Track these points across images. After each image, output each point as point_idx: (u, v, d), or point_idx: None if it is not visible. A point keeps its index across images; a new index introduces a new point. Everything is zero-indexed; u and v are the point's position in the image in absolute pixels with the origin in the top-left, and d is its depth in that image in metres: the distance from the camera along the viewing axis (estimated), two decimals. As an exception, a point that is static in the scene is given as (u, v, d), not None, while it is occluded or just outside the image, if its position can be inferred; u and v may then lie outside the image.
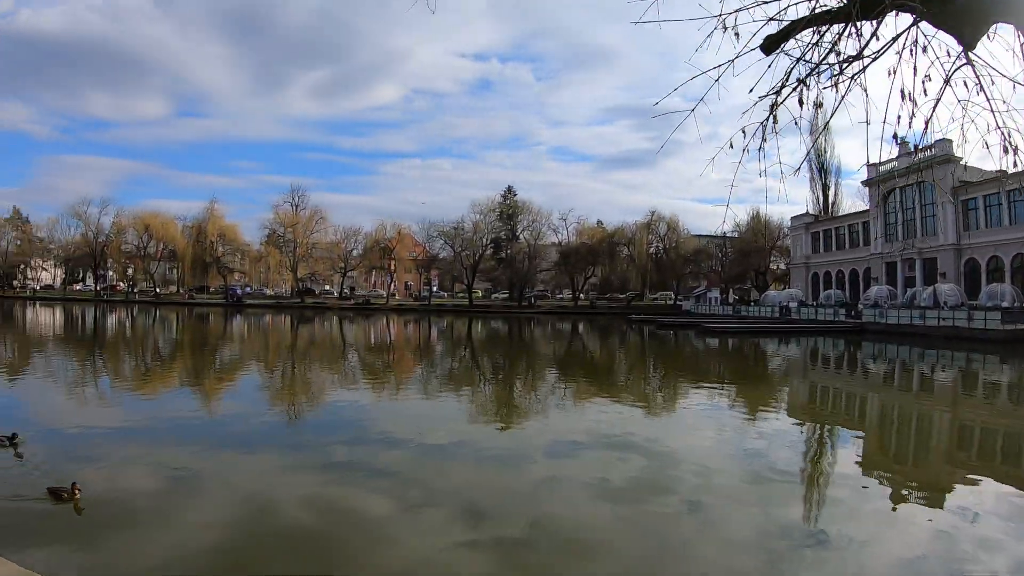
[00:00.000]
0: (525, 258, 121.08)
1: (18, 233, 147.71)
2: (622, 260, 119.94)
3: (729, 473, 13.46)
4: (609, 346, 56.70)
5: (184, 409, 21.21)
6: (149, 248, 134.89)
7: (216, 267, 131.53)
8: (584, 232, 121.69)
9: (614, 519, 10.65)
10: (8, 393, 24.54)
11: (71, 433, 16.65)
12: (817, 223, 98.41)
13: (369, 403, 23.47)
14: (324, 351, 46.69)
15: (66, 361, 36.48)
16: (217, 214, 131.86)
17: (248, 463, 14.14)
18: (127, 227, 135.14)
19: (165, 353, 43.80)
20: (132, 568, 8.64)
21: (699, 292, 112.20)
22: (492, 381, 31.28)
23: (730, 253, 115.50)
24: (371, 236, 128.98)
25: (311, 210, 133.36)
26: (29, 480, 11.47)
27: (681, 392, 28.11)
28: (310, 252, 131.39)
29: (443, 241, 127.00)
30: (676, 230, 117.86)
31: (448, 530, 10.21)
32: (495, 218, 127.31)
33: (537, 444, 16.22)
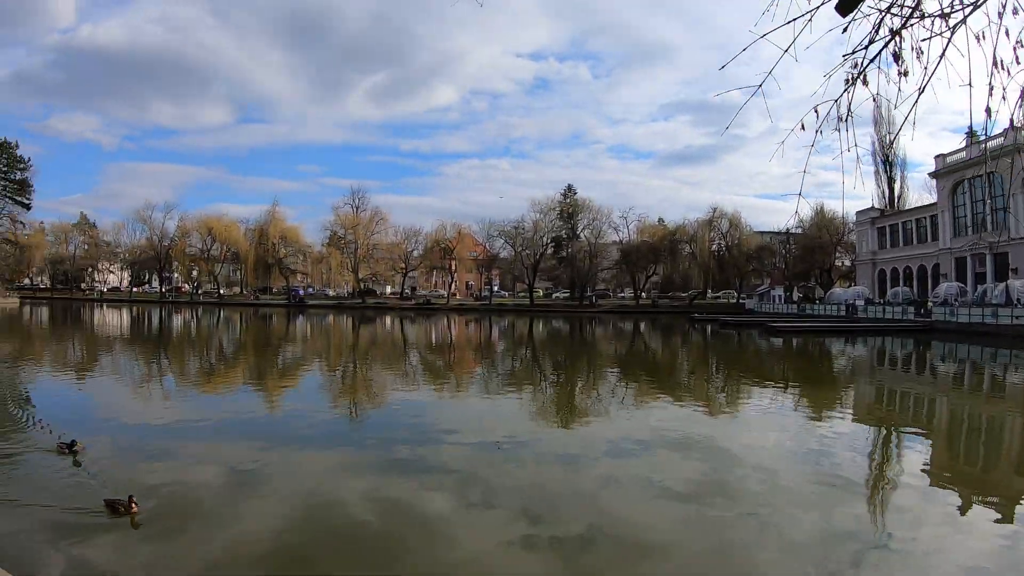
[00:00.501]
0: (586, 257, 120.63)
1: (85, 238, 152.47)
2: (684, 258, 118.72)
3: (791, 475, 13.27)
4: (671, 346, 56.25)
5: (247, 408, 21.72)
6: (213, 251, 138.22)
7: (278, 268, 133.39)
8: (645, 230, 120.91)
9: (673, 520, 10.59)
10: (76, 392, 25.06)
11: (134, 433, 16.90)
12: (883, 217, 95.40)
13: (430, 402, 23.54)
14: (385, 351, 47.04)
15: (132, 361, 37.41)
16: (279, 216, 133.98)
17: (310, 461, 14.32)
18: (191, 230, 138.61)
19: (229, 353, 44.69)
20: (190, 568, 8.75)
21: (762, 290, 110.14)
22: (553, 381, 31.16)
23: (794, 250, 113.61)
24: (431, 236, 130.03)
25: (371, 211, 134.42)
26: (87, 490, 11.38)
27: (743, 392, 27.78)
28: (371, 253, 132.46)
29: (503, 240, 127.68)
30: (738, 227, 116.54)
31: (507, 529, 10.22)
32: (555, 217, 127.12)
33: (598, 444, 16.18)
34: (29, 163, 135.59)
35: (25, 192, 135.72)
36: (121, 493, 10.62)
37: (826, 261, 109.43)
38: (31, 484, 11.73)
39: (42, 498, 10.90)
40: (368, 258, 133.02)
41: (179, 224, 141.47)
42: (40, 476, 12.19)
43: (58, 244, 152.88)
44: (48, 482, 11.82)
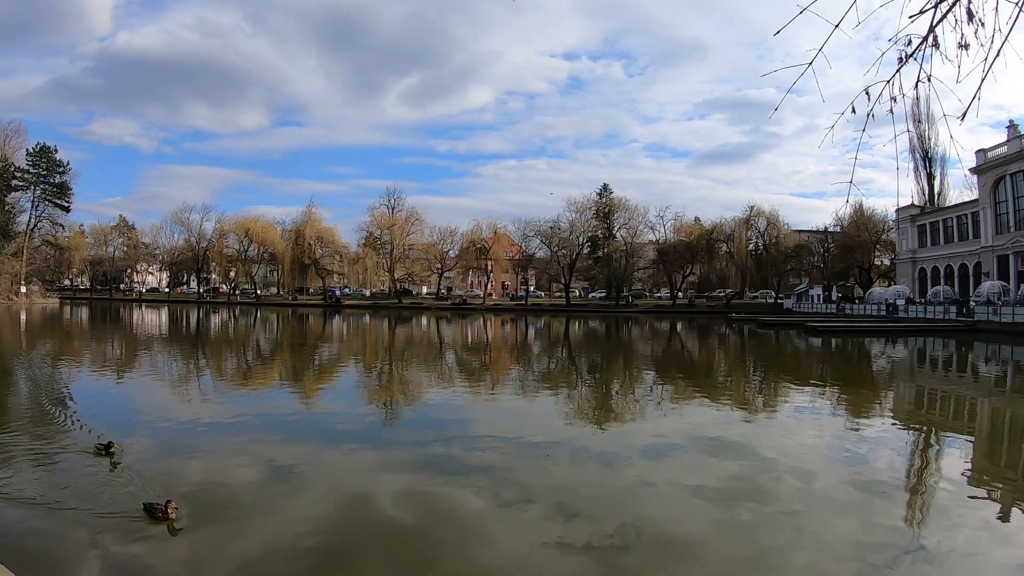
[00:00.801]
0: (622, 256, 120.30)
1: (124, 239, 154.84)
2: (721, 257, 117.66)
3: (828, 478, 13.15)
4: (708, 346, 55.90)
5: (284, 406, 21.91)
6: (249, 252, 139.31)
7: (315, 269, 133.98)
8: (682, 229, 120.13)
9: (708, 522, 10.52)
10: (114, 391, 25.36)
11: (172, 431, 17.10)
12: (923, 215, 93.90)
13: (466, 402, 23.57)
14: (421, 350, 47.15)
15: (170, 360, 38.09)
16: (315, 217, 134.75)
17: (347, 460, 14.49)
18: (228, 232, 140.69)
19: (266, 352, 45.07)
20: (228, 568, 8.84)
21: (800, 290, 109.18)
22: (589, 381, 31.03)
23: (832, 248, 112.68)
24: (467, 236, 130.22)
25: (407, 211, 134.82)
26: (125, 493, 11.43)
27: (781, 393, 27.44)
28: (407, 253, 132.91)
29: (539, 240, 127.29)
30: (776, 225, 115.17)
31: (542, 529, 10.26)
32: (591, 216, 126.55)
33: (633, 445, 16.10)
34: (68, 167, 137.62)
35: (64, 195, 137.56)
36: (159, 496, 10.69)
37: (865, 260, 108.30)
38: (69, 487, 11.72)
39: (80, 502, 10.89)
40: (404, 258, 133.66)
41: (216, 226, 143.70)
42: (78, 479, 12.16)
43: (97, 246, 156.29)
44: (86, 485, 11.85)
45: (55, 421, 17.80)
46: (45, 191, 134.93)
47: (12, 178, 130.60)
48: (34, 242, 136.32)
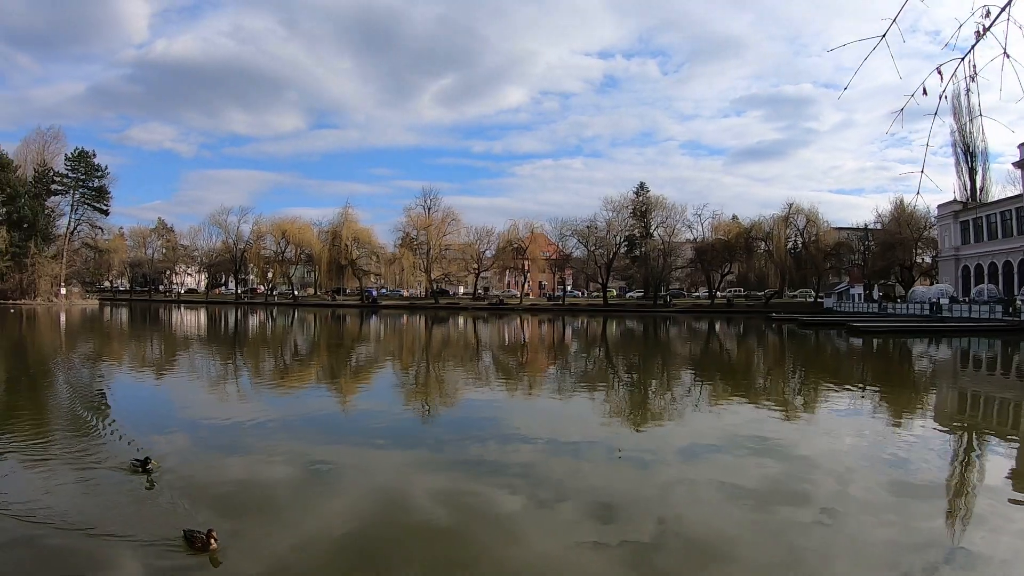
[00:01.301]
0: (659, 255, 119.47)
1: (163, 242, 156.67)
2: (760, 256, 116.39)
3: (866, 481, 12.98)
4: (747, 346, 55.53)
5: (322, 406, 22.27)
6: (287, 253, 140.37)
7: (351, 269, 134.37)
8: (720, 227, 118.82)
9: (744, 524, 10.48)
10: (153, 392, 25.81)
11: (210, 432, 17.34)
12: (966, 211, 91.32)
13: (502, 402, 23.72)
14: (457, 351, 47.28)
15: (208, 360, 38.74)
16: (351, 218, 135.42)
17: (383, 459, 14.69)
18: (265, 233, 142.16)
19: (304, 352, 45.54)
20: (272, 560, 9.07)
21: (841, 288, 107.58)
22: (626, 381, 31.00)
23: (872, 246, 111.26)
24: (504, 236, 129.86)
25: (443, 212, 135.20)
26: (163, 515, 10.88)
27: (820, 395, 27.03)
28: (443, 253, 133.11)
29: (576, 240, 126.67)
30: (815, 223, 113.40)
31: (578, 529, 10.33)
32: (628, 215, 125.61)
33: (670, 445, 16.14)
34: (106, 171, 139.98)
35: (103, 199, 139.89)
36: (201, 524, 10.21)
37: (907, 258, 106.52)
38: (106, 509, 11.17)
39: (117, 526, 10.33)
40: (440, 258, 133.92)
41: (253, 227, 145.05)
42: (115, 498, 11.70)
43: (137, 248, 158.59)
44: (123, 507, 11.31)
45: (93, 428, 17.64)
46: (84, 195, 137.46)
47: (51, 182, 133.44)
48: (74, 245, 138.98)
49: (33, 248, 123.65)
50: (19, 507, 10.88)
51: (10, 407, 21.68)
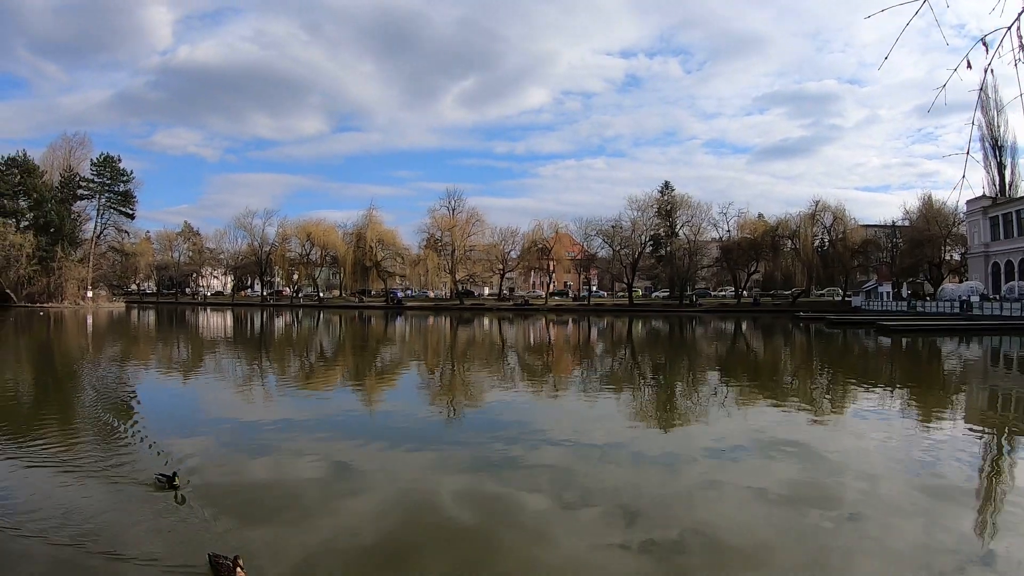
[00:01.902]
0: (685, 254, 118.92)
1: (189, 245, 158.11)
2: (786, 255, 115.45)
3: (894, 483, 12.91)
4: (774, 346, 55.11)
5: (347, 407, 22.49)
6: (312, 255, 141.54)
7: (376, 271, 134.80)
8: (746, 226, 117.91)
9: (771, 526, 10.45)
10: (180, 393, 25.94)
11: (235, 434, 17.34)
12: (995, 206, 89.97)
13: (527, 402, 23.73)
14: (482, 351, 47.34)
15: (234, 361, 38.96)
16: (375, 220, 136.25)
17: (408, 460, 14.73)
18: (290, 235, 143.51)
19: (329, 353, 45.79)
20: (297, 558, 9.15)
21: (869, 287, 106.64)
22: (652, 382, 30.88)
23: (900, 244, 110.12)
24: (528, 236, 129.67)
25: (467, 212, 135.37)
26: (190, 535, 10.47)
27: (848, 395, 26.79)
28: (468, 254, 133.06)
29: (601, 240, 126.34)
30: (842, 220, 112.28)
31: (603, 530, 10.34)
32: (653, 214, 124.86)
33: (696, 446, 16.01)
34: (131, 175, 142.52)
35: (128, 203, 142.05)
36: (223, 517, 10.41)
37: (935, 255, 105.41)
38: (131, 527, 10.79)
39: (142, 547, 9.92)
40: (465, 259, 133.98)
41: (279, 230, 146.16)
42: (138, 516, 11.26)
43: (163, 251, 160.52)
44: (146, 525, 10.89)
45: (118, 433, 17.48)
46: (110, 199, 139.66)
47: (77, 187, 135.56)
48: (100, 248, 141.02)
49: (60, 252, 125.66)
50: (34, 525, 10.64)
51: (36, 410, 21.99)
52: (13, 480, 13.08)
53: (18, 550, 9.72)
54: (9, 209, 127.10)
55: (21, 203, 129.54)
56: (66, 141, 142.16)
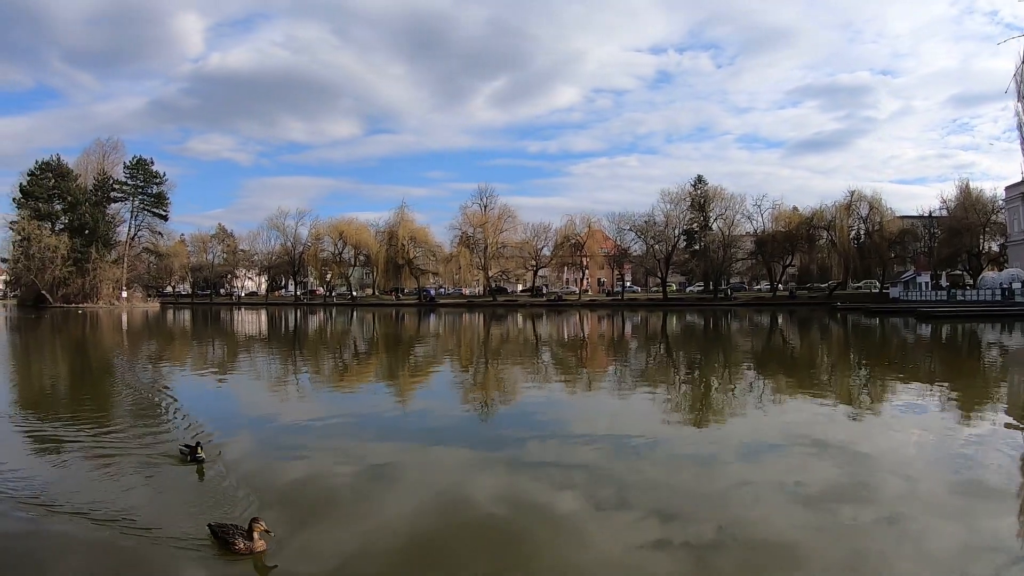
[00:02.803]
0: (719, 247, 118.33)
1: (224, 247, 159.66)
2: (822, 247, 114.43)
3: (933, 481, 12.61)
4: (811, 339, 54.44)
5: (380, 404, 22.51)
6: (344, 254, 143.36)
7: (408, 268, 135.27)
8: (780, 217, 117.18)
9: (806, 526, 10.26)
10: (214, 391, 25.98)
11: (269, 430, 17.51)
12: None
13: (562, 399, 23.53)
14: (516, 348, 47.12)
15: (268, 359, 39.21)
16: (407, 218, 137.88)
17: (442, 457, 14.67)
18: (323, 235, 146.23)
19: (362, 351, 45.99)
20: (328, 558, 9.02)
21: (907, 277, 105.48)
22: (687, 378, 30.41)
23: (938, 233, 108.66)
24: (561, 231, 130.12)
25: (499, 209, 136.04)
26: (206, 509, 10.68)
27: (887, 389, 26.26)
28: (500, 251, 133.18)
29: (634, 235, 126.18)
30: (879, 210, 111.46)
31: (638, 530, 10.19)
32: (686, 207, 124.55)
33: (732, 444, 15.78)
34: (164, 178, 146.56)
35: (161, 205, 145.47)
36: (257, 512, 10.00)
37: (974, 244, 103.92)
38: (152, 499, 11.31)
39: (157, 521, 10.14)
40: (497, 256, 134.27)
41: (311, 230, 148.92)
42: (163, 488, 11.89)
43: (197, 253, 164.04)
44: (170, 499, 11.34)
45: (151, 427, 17.55)
46: (143, 201, 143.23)
47: (111, 190, 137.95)
48: (135, 250, 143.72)
49: (94, 253, 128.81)
50: (70, 505, 10.92)
51: (73, 403, 22.28)
52: (55, 463, 13.87)
53: (58, 529, 10.08)
54: (44, 212, 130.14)
55: (56, 206, 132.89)
56: (100, 146, 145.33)
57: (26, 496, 11.35)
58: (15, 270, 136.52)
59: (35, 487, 11.89)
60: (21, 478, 12.45)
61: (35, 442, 15.87)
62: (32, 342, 54.43)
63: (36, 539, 9.74)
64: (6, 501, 11.19)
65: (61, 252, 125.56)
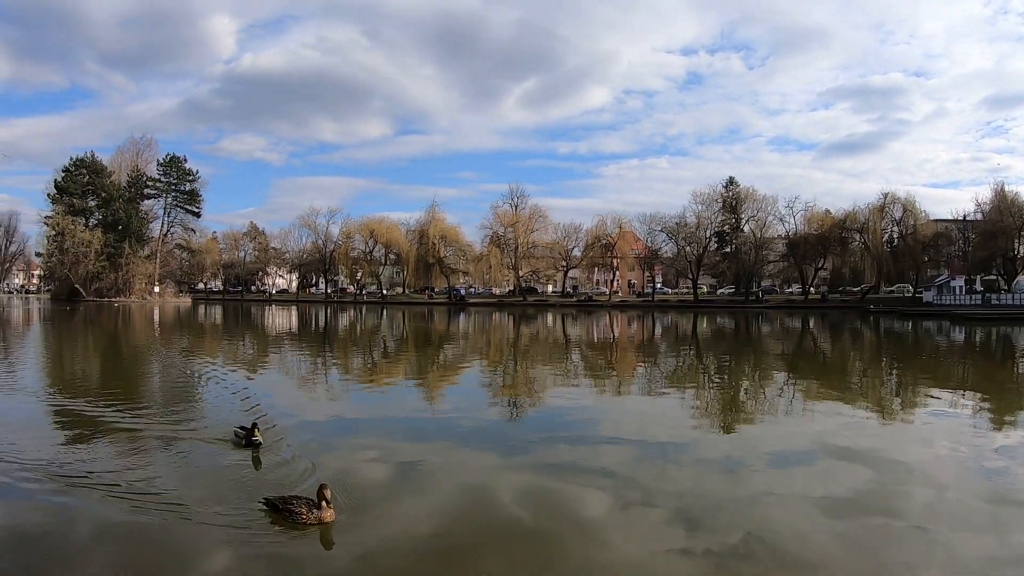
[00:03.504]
0: (751, 249, 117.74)
1: (255, 244, 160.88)
2: (855, 250, 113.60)
3: (962, 492, 12.39)
4: (842, 344, 53.93)
5: (409, 404, 22.55)
6: (375, 252, 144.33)
7: (439, 267, 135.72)
8: (813, 219, 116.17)
9: (833, 535, 10.15)
10: (244, 388, 25.36)
11: (299, 428, 17.37)
12: None
13: (590, 401, 23.52)
14: (545, 349, 47.16)
15: (299, 357, 39.46)
16: (438, 217, 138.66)
17: (470, 458, 14.75)
18: (354, 233, 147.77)
19: (392, 350, 46.06)
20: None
21: (940, 281, 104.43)
22: (717, 381, 30.33)
23: (972, 237, 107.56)
24: (592, 232, 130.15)
25: (530, 209, 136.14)
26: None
27: (918, 396, 25.93)
28: (531, 251, 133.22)
29: (665, 236, 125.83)
30: (913, 212, 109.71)
31: (663, 534, 10.23)
32: (718, 209, 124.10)
33: (760, 450, 15.64)
34: (197, 175, 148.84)
35: (194, 201, 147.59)
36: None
37: (1009, 247, 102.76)
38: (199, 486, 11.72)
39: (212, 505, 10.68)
40: (528, 256, 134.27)
41: (342, 228, 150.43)
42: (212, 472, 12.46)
43: (229, 251, 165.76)
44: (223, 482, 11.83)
45: (180, 426, 17.61)
46: (176, 198, 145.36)
47: (144, 186, 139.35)
48: (167, 246, 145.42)
49: (127, 248, 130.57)
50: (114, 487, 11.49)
51: (114, 388, 22.89)
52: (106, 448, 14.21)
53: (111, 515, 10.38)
54: (78, 208, 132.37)
55: (90, 202, 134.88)
56: (133, 144, 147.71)
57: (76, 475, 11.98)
58: (49, 264, 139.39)
59: (84, 469, 12.45)
60: (80, 460, 13.18)
61: (93, 428, 15.99)
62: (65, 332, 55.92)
63: (85, 523, 10.06)
64: (56, 480, 11.78)
65: (95, 247, 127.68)
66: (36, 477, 12.01)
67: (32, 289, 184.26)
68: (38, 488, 11.51)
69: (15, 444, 14.19)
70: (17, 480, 11.86)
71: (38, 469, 12.42)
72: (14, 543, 9.37)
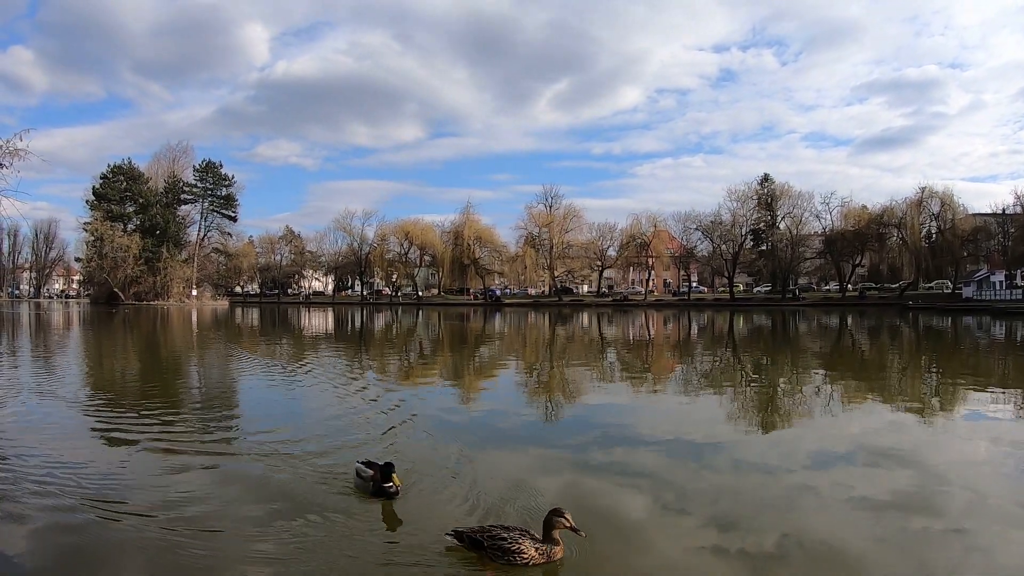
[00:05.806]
0: (787, 246, 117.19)
1: (291, 248, 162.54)
2: (892, 246, 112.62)
3: (1004, 494, 12.13)
4: (880, 341, 53.28)
5: (444, 405, 22.36)
6: (410, 254, 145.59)
7: (474, 268, 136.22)
8: (850, 215, 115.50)
9: (871, 537, 9.98)
10: (278, 390, 25.89)
11: (330, 429, 17.25)
12: None
13: (626, 401, 23.42)
14: (581, 348, 47.14)
15: (335, 357, 39.24)
16: (473, 218, 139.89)
17: (505, 459, 14.66)
18: (388, 235, 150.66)
19: (428, 350, 46.27)
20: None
21: (980, 276, 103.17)
22: (754, 381, 29.91)
23: (1012, 231, 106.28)
24: (626, 231, 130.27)
25: (565, 208, 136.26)
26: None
27: (959, 395, 25.30)
28: (565, 251, 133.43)
29: (701, 234, 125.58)
30: (951, 206, 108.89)
31: (699, 535, 10.12)
32: (753, 206, 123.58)
33: (797, 451, 15.53)
34: (232, 180, 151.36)
35: (230, 206, 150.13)
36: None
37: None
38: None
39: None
40: (563, 256, 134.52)
41: (377, 230, 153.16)
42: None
43: (265, 254, 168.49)
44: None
45: (218, 427, 17.85)
46: (212, 203, 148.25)
47: (181, 192, 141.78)
48: (204, 250, 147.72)
49: (165, 253, 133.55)
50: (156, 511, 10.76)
51: (144, 396, 22.66)
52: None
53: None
54: (116, 213, 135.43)
55: (128, 208, 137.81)
56: (170, 150, 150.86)
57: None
58: (88, 269, 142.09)
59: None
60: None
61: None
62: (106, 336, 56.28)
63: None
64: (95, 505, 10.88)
65: (133, 251, 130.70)
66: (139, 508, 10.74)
67: (71, 294, 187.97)
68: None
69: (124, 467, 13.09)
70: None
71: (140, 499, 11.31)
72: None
